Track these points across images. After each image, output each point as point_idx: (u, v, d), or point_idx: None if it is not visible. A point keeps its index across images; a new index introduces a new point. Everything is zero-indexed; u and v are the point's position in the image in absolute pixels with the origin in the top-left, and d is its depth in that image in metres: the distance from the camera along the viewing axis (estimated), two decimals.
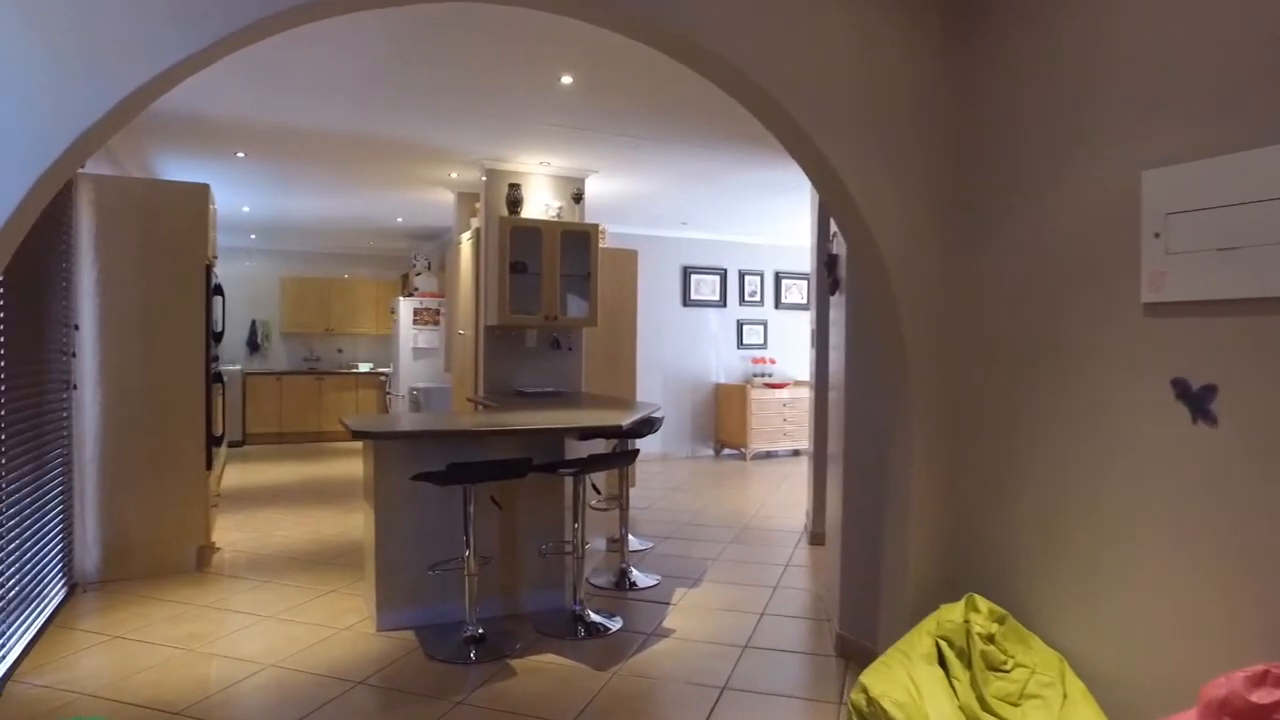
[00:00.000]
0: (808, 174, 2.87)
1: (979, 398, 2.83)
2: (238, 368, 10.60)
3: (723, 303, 10.34)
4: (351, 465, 8.96)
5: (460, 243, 7.16)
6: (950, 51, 2.91)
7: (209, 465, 4.92)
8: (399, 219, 9.09)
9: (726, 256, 10.36)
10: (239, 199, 8.00)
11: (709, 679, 3.34)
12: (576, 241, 6.23)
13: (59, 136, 1.99)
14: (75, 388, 4.54)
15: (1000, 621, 2.58)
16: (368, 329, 11.67)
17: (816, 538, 5.49)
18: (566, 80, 4.36)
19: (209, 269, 4.90)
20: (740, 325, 10.45)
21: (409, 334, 9.41)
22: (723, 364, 10.38)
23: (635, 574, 4.67)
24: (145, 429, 4.74)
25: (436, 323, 9.46)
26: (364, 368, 11.53)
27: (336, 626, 3.90)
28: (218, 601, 4.28)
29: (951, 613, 2.60)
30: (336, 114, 5.10)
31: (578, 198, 6.51)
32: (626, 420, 4.04)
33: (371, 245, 11.41)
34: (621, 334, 7.08)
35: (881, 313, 2.92)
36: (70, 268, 4.52)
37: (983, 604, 2.61)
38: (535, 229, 6.10)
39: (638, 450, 4.33)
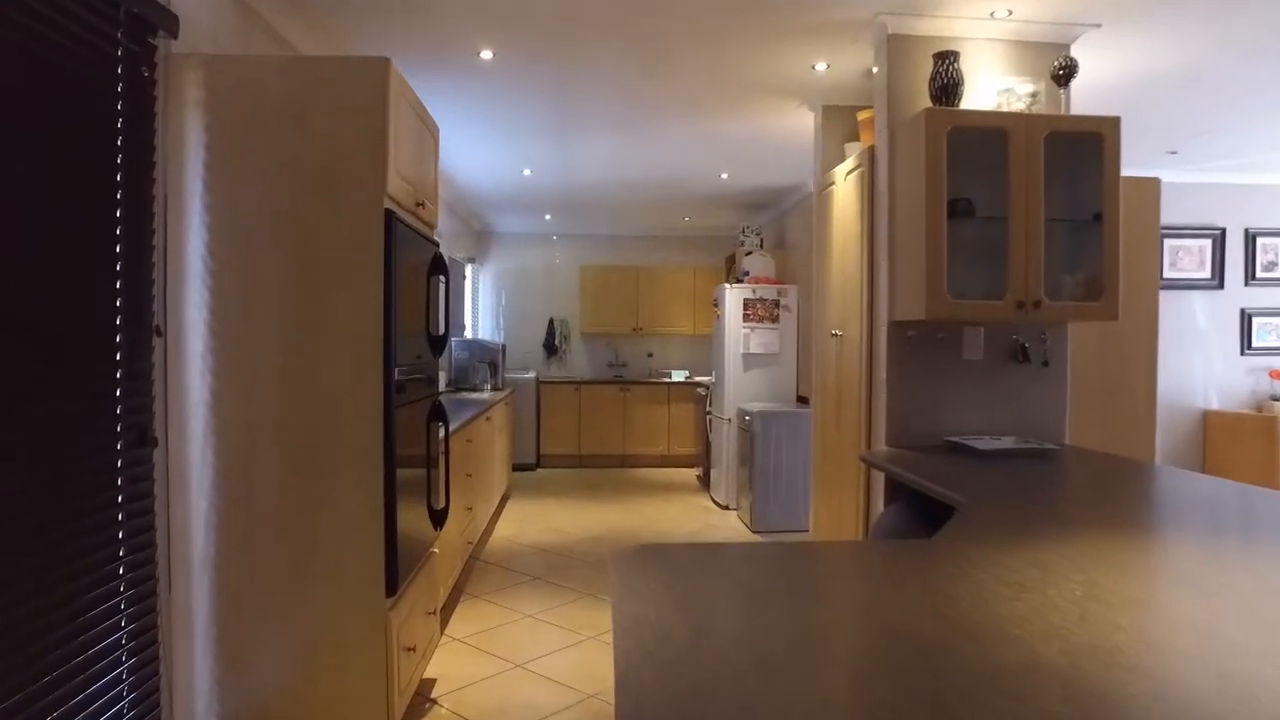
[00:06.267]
0: None
1: None
2: (532, 375, 8.79)
3: (1217, 282, 6.53)
4: (656, 511, 6.62)
5: (832, 184, 4.36)
6: None
7: (392, 589, 2.61)
8: (723, 174, 6.54)
9: (1225, 207, 6.51)
10: (515, 155, 5.92)
11: None
12: (1071, 155, 3.15)
13: None
14: (155, 442, 2.44)
15: None
16: (683, 328, 9.36)
17: None
18: None
19: (390, 218, 2.59)
20: (1246, 318, 6.56)
21: (737, 334, 6.83)
22: (1214, 378, 6.56)
23: None
24: (281, 516, 2.55)
25: (775, 319, 6.79)
26: (677, 376, 9.23)
27: None
28: None
29: None
30: None
31: (1064, 76, 3.41)
32: None
33: (687, 223, 9.05)
34: (1128, 331, 3.85)
35: None
36: (147, 222, 2.43)
37: None
38: (997, 131, 3.11)
39: None
